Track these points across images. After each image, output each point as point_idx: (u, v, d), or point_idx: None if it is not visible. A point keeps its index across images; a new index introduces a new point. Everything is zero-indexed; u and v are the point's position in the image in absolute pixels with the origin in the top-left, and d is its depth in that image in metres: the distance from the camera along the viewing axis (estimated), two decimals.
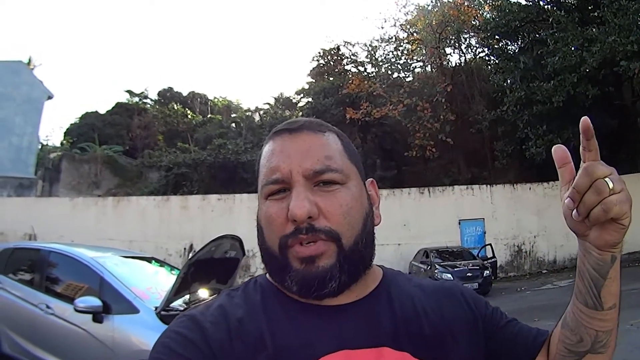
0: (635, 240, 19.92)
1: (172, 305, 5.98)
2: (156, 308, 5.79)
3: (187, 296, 6.54)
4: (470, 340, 1.18)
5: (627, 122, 23.79)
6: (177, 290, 5.84)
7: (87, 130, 42.78)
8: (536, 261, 22.53)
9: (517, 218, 22.38)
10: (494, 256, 19.27)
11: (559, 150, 1.06)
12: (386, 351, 1.08)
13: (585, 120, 1.02)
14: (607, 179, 0.96)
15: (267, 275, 1.21)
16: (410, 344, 1.10)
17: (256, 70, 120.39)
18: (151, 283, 6.78)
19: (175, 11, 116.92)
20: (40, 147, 37.80)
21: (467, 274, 16.42)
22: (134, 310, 5.88)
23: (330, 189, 1.11)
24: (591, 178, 0.96)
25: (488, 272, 16.91)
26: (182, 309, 6.13)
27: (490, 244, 20.00)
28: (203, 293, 6.97)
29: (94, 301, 5.88)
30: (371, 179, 1.26)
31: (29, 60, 38.15)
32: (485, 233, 22.17)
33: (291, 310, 1.12)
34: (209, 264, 6.36)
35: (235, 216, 22.57)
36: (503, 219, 22.41)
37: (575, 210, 0.98)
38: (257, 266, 21.70)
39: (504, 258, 21.90)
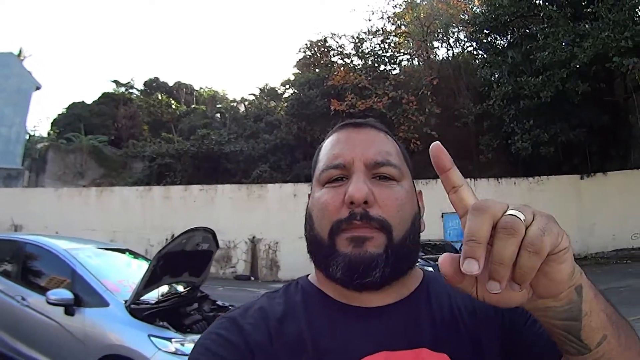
0: (621, 237, 20.07)
1: (142, 298, 5.92)
2: (126, 301, 5.72)
3: (164, 289, 6.48)
4: (499, 338, 1.14)
5: (619, 119, 23.93)
6: (147, 284, 5.77)
7: (73, 121, 42.63)
8: None
9: None
10: None
11: (434, 150, 0.84)
12: (424, 352, 1.07)
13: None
14: (510, 212, 0.73)
15: (309, 277, 1.24)
16: (448, 345, 1.09)
17: (243, 61, 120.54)
18: (123, 276, 6.67)
19: (163, 1, 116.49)
20: (27, 137, 37.82)
21: None
22: (104, 303, 5.79)
23: (387, 183, 1.13)
24: (490, 217, 0.73)
25: None
26: (153, 302, 6.07)
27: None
28: (179, 286, 6.94)
29: (66, 294, 5.80)
30: (420, 189, 1.25)
31: (20, 51, 38.18)
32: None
33: (332, 311, 1.13)
34: (181, 257, 6.29)
35: (217, 207, 22.53)
36: None
37: (488, 282, 0.74)
38: (238, 257, 21.72)
39: None
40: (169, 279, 6.38)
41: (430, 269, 11.39)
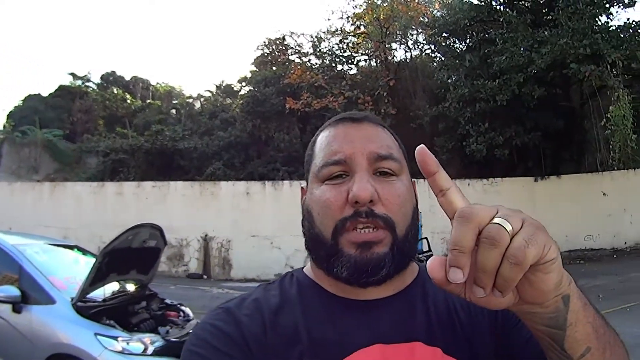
0: (574, 238, 20.46)
1: (89, 296, 5.85)
2: (72, 299, 5.64)
3: (113, 287, 6.42)
4: (493, 337, 1.15)
5: (574, 124, 24.33)
6: (93, 281, 5.70)
7: (29, 114, 41.65)
8: None
9: None
10: (430, 250, 19.42)
11: (420, 153, 0.84)
12: (418, 346, 1.08)
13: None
14: (497, 220, 0.73)
15: (305, 269, 1.25)
16: (442, 339, 1.10)
17: (201, 57, 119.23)
18: (71, 272, 6.55)
19: None
20: None
21: None
22: (50, 300, 5.69)
23: (388, 179, 1.13)
24: (475, 226, 0.73)
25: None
26: (100, 300, 6.01)
27: (426, 238, 20.15)
28: (128, 285, 6.87)
29: (13, 290, 5.68)
30: (414, 179, 1.25)
31: None
32: (422, 227, 22.21)
33: (327, 303, 1.14)
34: (127, 254, 6.23)
35: (169, 204, 22.20)
36: (440, 213, 21.47)
37: (473, 287, 0.76)
38: (190, 255, 21.51)
39: (441, 252, 21.99)
40: (116, 276, 6.31)
41: None
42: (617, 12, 23.34)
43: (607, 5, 22.41)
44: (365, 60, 32.49)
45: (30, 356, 5.50)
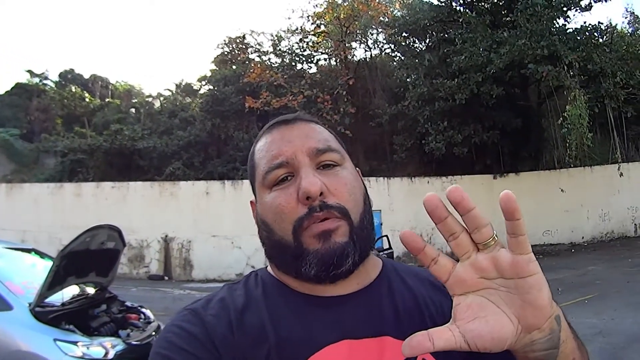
0: (533, 234, 20.78)
1: (48, 300, 5.79)
2: (30, 304, 5.57)
3: (74, 291, 6.35)
4: None
5: (531, 122, 24.76)
6: (51, 285, 5.62)
7: None
8: None
9: (415, 210, 22.57)
10: (390, 247, 19.45)
11: (405, 237, 0.88)
12: (388, 340, 1.08)
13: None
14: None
15: (268, 268, 1.23)
16: (411, 333, 1.02)
17: (161, 55, 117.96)
18: (28, 277, 6.38)
19: None
20: None
21: None
22: (7, 307, 5.53)
23: (332, 170, 1.14)
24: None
25: None
26: (58, 304, 5.94)
27: (386, 235, 20.16)
28: (88, 288, 6.79)
29: None
30: (357, 168, 1.27)
31: None
32: (382, 224, 22.32)
33: (293, 301, 1.13)
34: (86, 256, 6.15)
35: (129, 205, 21.89)
36: (400, 211, 22.47)
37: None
38: (151, 257, 21.29)
39: (402, 249, 22.05)
40: (75, 279, 6.21)
41: None
42: (574, 15, 24.10)
43: (565, 9, 22.95)
44: (325, 59, 32.54)
45: None
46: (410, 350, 0.85)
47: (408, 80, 25.65)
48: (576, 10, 23.65)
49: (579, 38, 21.56)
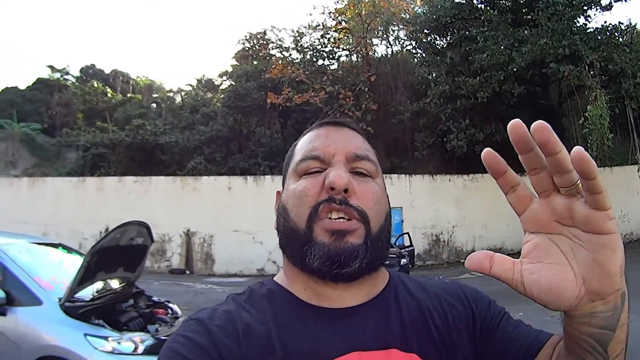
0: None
1: (77, 295, 5.81)
2: (60, 299, 5.60)
3: (98, 286, 6.37)
4: (470, 341, 1.17)
5: (552, 121, 24.35)
6: (81, 280, 5.65)
7: (5, 107, 41.02)
8: (454, 250, 22.65)
9: (436, 208, 22.56)
10: (411, 245, 19.44)
11: (488, 156, 0.86)
12: (394, 353, 1.08)
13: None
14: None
15: (275, 278, 1.24)
16: (417, 345, 1.10)
17: (181, 50, 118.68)
18: (56, 272, 6.45)
19: None
20: None
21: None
22: (37, 301, 5.60)
23: (363, 179, 1.16)
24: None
25: (405, 260, 16.93)
26: (88, 299, 5.97)
27: (407, 233, 20.14)
28: (113, 282, 6.83)
29: None
30: (390, 175, 1.27)
31: None
32: (403, 222, 22.26)
33: (300, 313, 1.12)
34: (115, 252, 6.19)
35: (151, 199, 21.99)
36: (421, 208, 22.47)
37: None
38: (172, 251, 21.39)
39: (422, 247, 22.05)
40: (104, 275, 6.26)
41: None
42: (594, 14, 23.79)
43: (585, 8, 22.77)
44: (347, 56, 32.42)
45: (16, 359, 5.42)
46: (469, 264, 0.85)
47: (429, 77, 25.52)
48: (597, 10, 23.45)
49: (599, 38, 21.42)
